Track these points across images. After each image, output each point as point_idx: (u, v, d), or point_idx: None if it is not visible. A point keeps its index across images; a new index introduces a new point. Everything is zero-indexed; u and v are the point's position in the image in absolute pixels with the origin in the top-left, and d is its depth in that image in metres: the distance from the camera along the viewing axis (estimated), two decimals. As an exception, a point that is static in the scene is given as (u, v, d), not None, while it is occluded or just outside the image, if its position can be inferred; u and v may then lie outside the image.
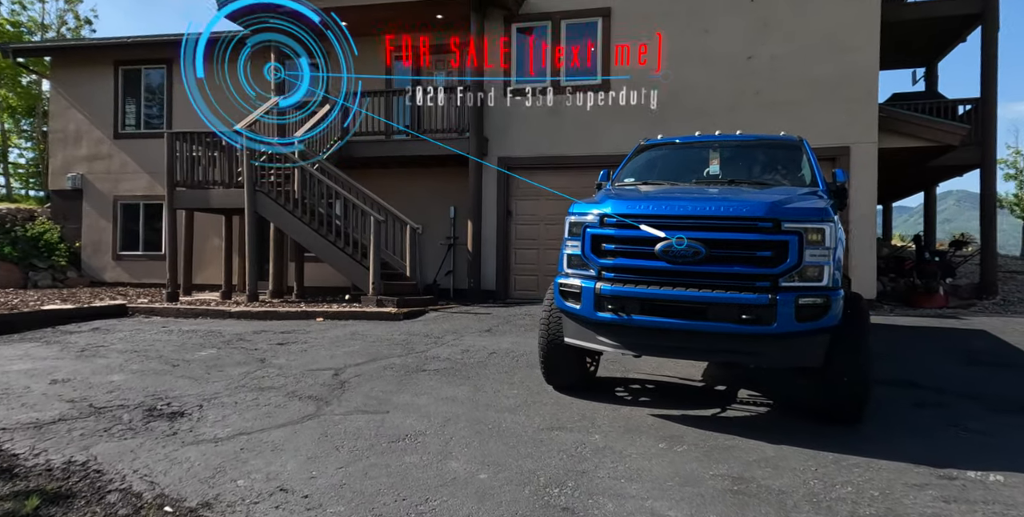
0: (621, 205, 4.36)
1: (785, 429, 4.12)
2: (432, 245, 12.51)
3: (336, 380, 5.25)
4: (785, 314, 3.83)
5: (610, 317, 4.22)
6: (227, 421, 4.21)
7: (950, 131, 10.18)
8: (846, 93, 10.11)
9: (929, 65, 14.87)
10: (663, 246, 4.08)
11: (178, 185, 10.45)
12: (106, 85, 14.73)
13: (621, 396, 4.94)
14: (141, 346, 6.68)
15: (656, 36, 10.47)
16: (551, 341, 4.76)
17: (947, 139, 10.18)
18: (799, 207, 4.08)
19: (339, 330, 7.78)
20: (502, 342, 6.93)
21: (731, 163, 5.48)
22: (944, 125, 10.26)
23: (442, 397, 4.79)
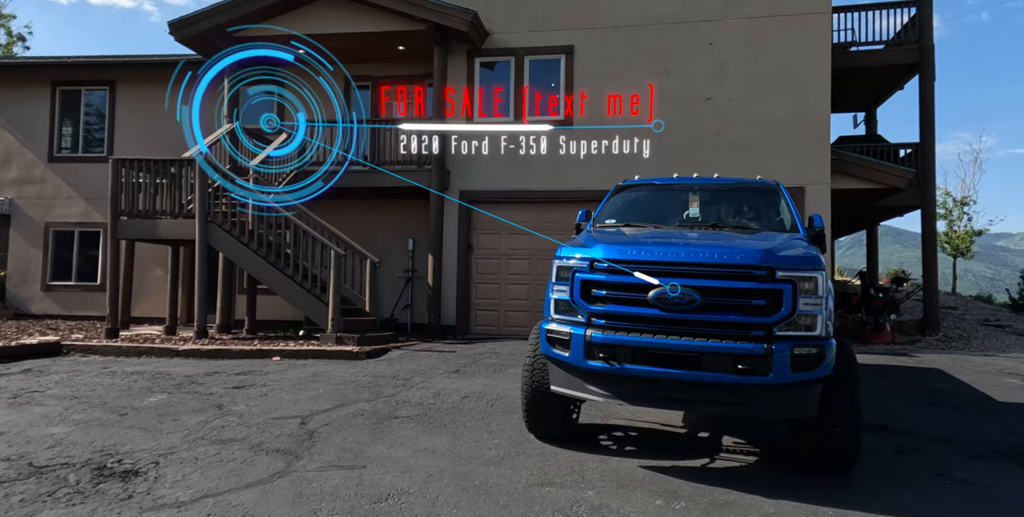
0: (612, 250, 4.28)
1: (778, 481, 4.05)
2: (390, 278, 12.20)
3: (304, 430, 4.92)
4: (780, 364, 3.79)
5: (601, 366, 4.09)
6: (189, 481, 3.85)
7: (898, 175, 10.68)
8: (800, 135, 10.49)
9: (869, 110, 15.69)
10: (656, 293, 4.00)
11: (122, 214, 9.88)
12: (42, 105, 13.98)
13: (606, 445, 4.79)
14: (82, 391, 6.15)
15: (648, 87, 10.67)
16: (536, 389, 4.59)
17: (895, 182, 10.67)
18: (791, 255, 4.09)
19: (299, 371, 7.38)
20: (473, 384, 6.70)
21: (711, 206, 5.51)
22: (893, 169, 10.76)
23: (420, 448, 4.54)
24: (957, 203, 20.74)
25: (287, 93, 11.98)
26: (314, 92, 10.98)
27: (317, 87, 10.99)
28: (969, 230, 20.45)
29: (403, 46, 12.07)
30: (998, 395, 6.78)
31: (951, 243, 20.47)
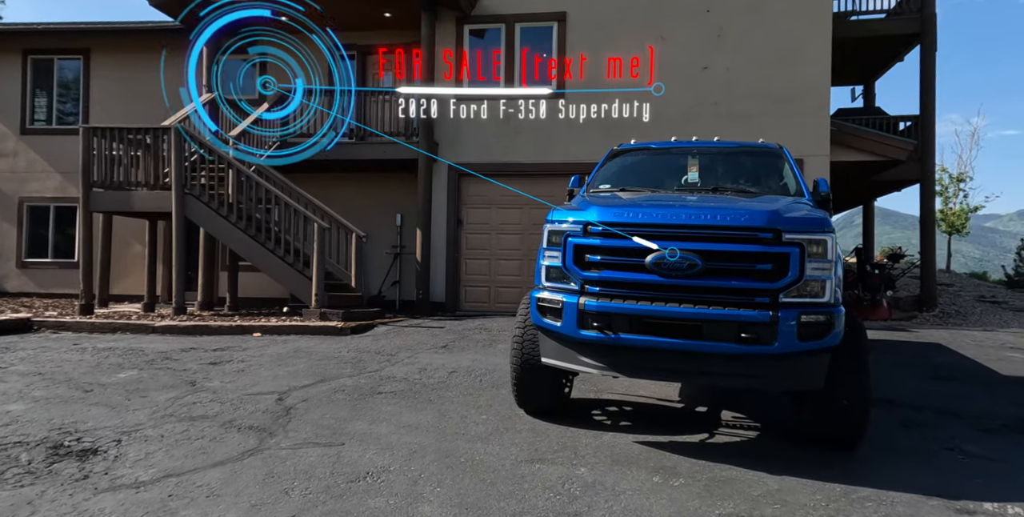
0: (607, 213, 3.99)
1: (780, 456, 3.82)
2: (377, 254, 11.88)
3: (280, 406, 4.65)
4: (786, 333, 3.53)
5: (595, 336, 3.83)
6: (151, 460, 3.57)
7: (898, 146, 10.41)
8: (799, 106, 10.18)
9: (867, 83, 15.37)
10: (655, 258, 3.73)
11: (95, 186, 9.48)
12: (12, 76, 13.42)
13: (600, 420, 4.55)
14: (47, 367, 5.84)
15: (648, 49, 10.23)
16: (526, 361, 4.33)
17: (895, 154, 10.40)
18: (799, 216, 3.82)
19: (280, 347, 7.10)
20: (461, 360, 6.44)
21: (710, 170, 5.22)
22: (893, 140, 10.49)
23: (404, 424, 4.28)
24: (953, 179, 20.54)
25: (283, 54, 11.48)
26: (308, 53, 10.50)
27: (313, 48, 10.54)
28: (965, 207, 20.30)
29: (389, 12, 11.60)
30: (1002, 369, 6.59)
31: (946, 220, 20.31)
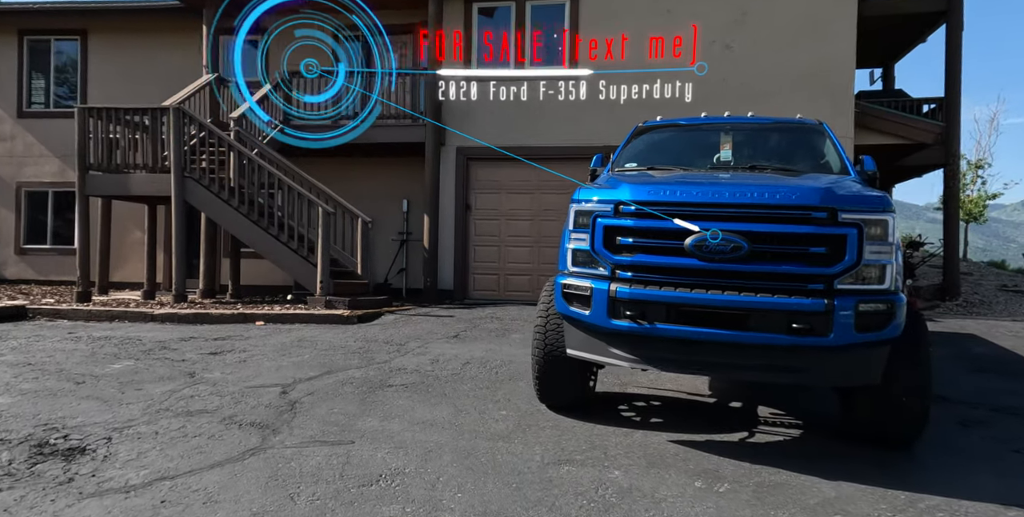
0: (640, 191, 3.64)
1: (830, 457, 3.49)
2: (383, 241, 11.53)
3: (285, 400, 4.33)
4: (843, 323, 3.19)
5: (627, 326, 3.49)
6: (144, 460, 3.26)
7: (925, 129, 10.01)
8: (822, 86, 9.76)
9: (886, 65, 14.89)
10: (695, 240, 3.38)
11: (91, 169, 9.15)
12: (8, 57, 13.05)
13: (628, 417, 4.23)
14: (38, 357, 5.53)
15: (691, 28, 9.75)
16: (549, 353, 4.00)
17: (922, 137, 9.99)
18: (856, 194, 3.46)
19: (284, 336, 6.78)
20: (474, 350, 6.12)
21: (744, 148, 4.85)
22: (920, 122, 10.08)
23: (418, 421, 3.96)
24: (972, 166, 20.04)
25: (325, 37, 11.07)
26: (350, 35, 10.10)
27: (355, 31, 10.18)
28: (982, 194, 19.83)
29: (395, -10, 11.16)
30: (1045, 361, 6.25)
31: (963, 208, 19.86)
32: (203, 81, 10.70)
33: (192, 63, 11.55)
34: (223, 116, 10.76)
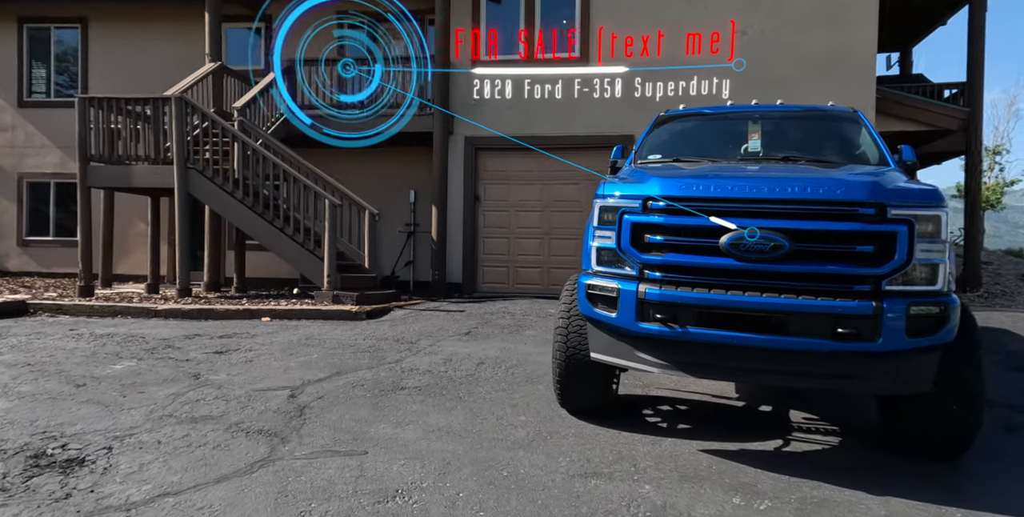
0: (671, 185, 3.41)
1: (873, 468, 3.28)
2: (390, 232, 11.32)
3: (293, 404, 4.14)
4: (892, 327, 2.97)
5: (657, 329, 3.28)
6: (146, 473, 3.08)
7: (949, 115, 9.69)
8: (842, 72, 9.44)
9: (904, 50, 14.50)
10: (731, 238, 3.15)
11: (92, 160, 8.94)
12: (8, 45, 12.80)
13: (654, 423, 4.02)
14: (38, 357, 5.35)
15: (729, 23, 9.43)
16: (571, 356, 3.79)
17: (945, 123, 9.67)
18: (905, 188, 3.22)
19: (290, 333, 6.59)
20: (488, 349, 5.91)
21: (774, 138, 4.60)
22: (943, 108, 9.76)
23: (433, 427, 3.77)
24: (989, 152, 19.63)
25: (362, 36, 10.84)
26: (385, 33, 9.87)
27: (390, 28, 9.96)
28: (1000, 181, 19.45)
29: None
30: (1082, 359, 6.01)
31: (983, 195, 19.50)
32: (206, 70, 10.44)
33: (195, 52, 11.27)
34: (227, 106, 10.51)
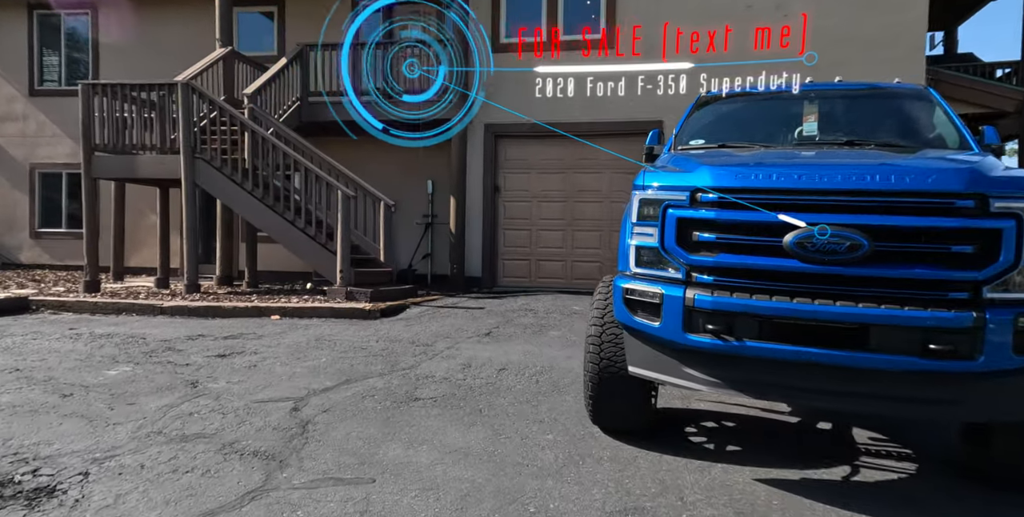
0: (724, 174, 2.93)
1: (964, 506, 2.80)
2: (407, 224, 10.90)
3: (295, 419, 3.74)
4: (996, 343, 2.48)
5: (708, 342, 2.82)
6: (121, 507, 2.69)
7: (1005, 95, 9.01)
8: (891, 51, 8.79)
9: (949, 29, 13.70)
10: (797, 237, 2.67)
11: (97, 149, 8.62)
12: (18, 33, 12.54)
13: (698, 443, 3.56)
14: (29, 361, 5.02)
15: (801, 16, 8.85)
16: (605, 370, 3.33)
17: (1001, 104, 8.99)
18: (1009, 176, 2.70)
19: (300, 333, 6.22)
20: (510, 352, 5.48)
21: (833, 120, 4.08)
22: (1000, 89, 9.08)
23: (450, 448, 3.34)
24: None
25: (427, 37, 10.45)
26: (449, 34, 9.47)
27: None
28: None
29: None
30: None
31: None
32: (216, 55, 10.07)
33: (209, 38, 10.88)
34: (237, 93, 10.14)
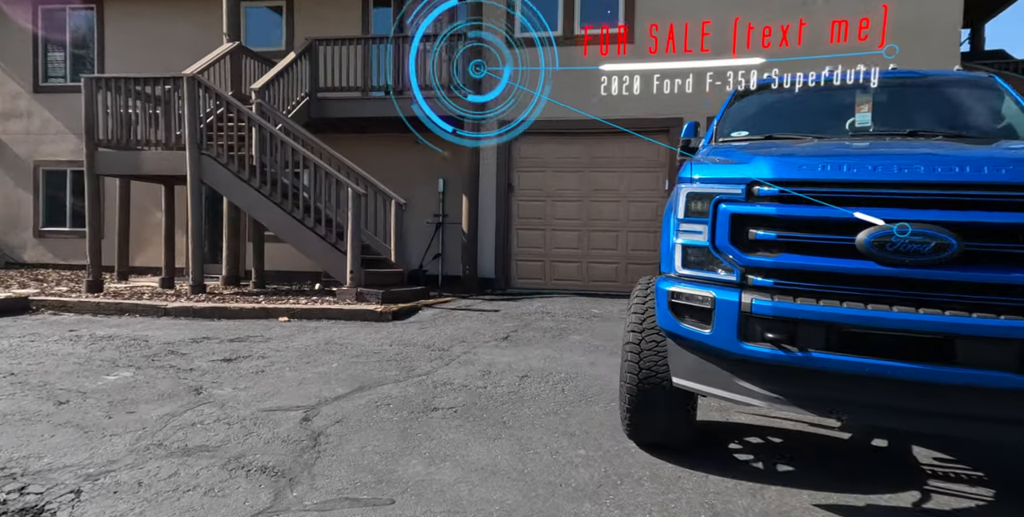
0: (787, 165, 2.64)
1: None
2: (417, 223, 10.62)
3: (306, 431, 3.46)
4: (1106, 357, 2.17)
5: (768, 352, 2.52)
6: (116, 531, 2.41)
7: (1044, 94, 8.63)
8: (924, 45, 8.44)
9: (975, 27, 13.34)
10: (874, 235, 2.37)
11: (100, 145, 8.38)
12: (23, 27, 12.33)
13: (745, 461, 3.26)
14: (24, 365, 4.76)
15: (881, 8, 8.55)
16: (646, 380, 3.04)
17: (1039, 103, 8.63)
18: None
19: (309, 336, 5.94)
20: (530, 357, 5.19)
21: (889, 110, 3.77)
22: (1038, 86, 8.69)
23: (474, 465, 3.05)
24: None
25: (492, 37, 10.21)
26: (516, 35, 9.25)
27: None
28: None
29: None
30: None
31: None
32: (223, 50, 9.82)
33: (216, 33, 10.65)
34: (245, 88, 9.89)
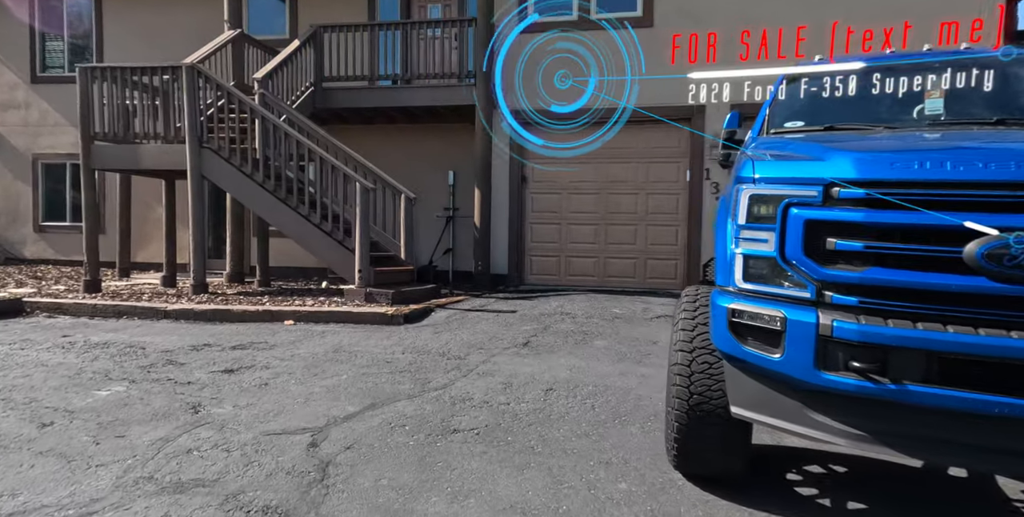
0: (874, 162, 2.25)
1: None
2: (427, 217, 10.24)
3: (314, 460, 3.11)
4: None
5: (854, 384, 2.15)
6: (93, 594, 2.07)
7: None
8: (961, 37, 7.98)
9: (1009, 5, 12.76)
10: (988, 247, 1.99)
11: (97, 138, 8.02)
12: (19, 16, 11.95)
13: (807, 496, 2.89)
14: (10, 378, 4.42)
15: (998, 9, 8.09)
16: (697, 407, 2.67)
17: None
18: None
19: (316, 342, 5.59)
20: (554, 367, 4.82)
21: (962, 97, 3.35)
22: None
23: (503, 502, 2.70)
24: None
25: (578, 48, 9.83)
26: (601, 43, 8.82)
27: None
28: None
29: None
30: None
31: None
32: (224, 38, 9.43)
33: (219, 22, 10.25)
34: (247, 79, 9.50)
